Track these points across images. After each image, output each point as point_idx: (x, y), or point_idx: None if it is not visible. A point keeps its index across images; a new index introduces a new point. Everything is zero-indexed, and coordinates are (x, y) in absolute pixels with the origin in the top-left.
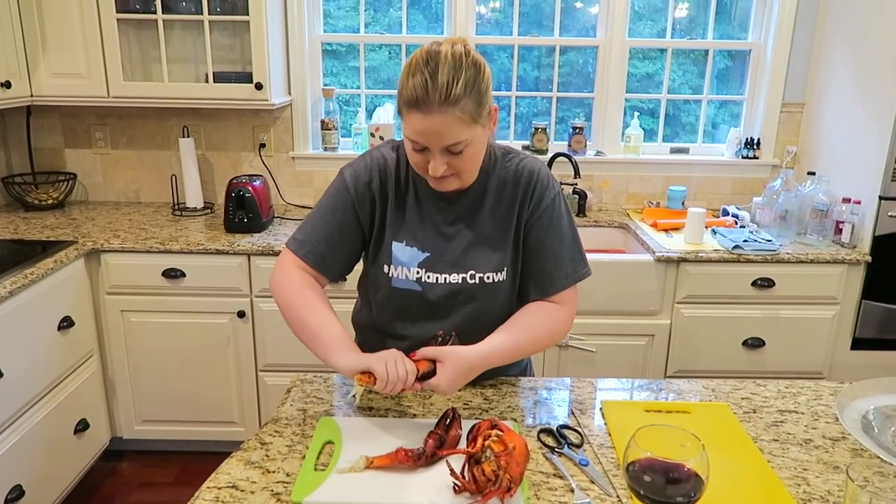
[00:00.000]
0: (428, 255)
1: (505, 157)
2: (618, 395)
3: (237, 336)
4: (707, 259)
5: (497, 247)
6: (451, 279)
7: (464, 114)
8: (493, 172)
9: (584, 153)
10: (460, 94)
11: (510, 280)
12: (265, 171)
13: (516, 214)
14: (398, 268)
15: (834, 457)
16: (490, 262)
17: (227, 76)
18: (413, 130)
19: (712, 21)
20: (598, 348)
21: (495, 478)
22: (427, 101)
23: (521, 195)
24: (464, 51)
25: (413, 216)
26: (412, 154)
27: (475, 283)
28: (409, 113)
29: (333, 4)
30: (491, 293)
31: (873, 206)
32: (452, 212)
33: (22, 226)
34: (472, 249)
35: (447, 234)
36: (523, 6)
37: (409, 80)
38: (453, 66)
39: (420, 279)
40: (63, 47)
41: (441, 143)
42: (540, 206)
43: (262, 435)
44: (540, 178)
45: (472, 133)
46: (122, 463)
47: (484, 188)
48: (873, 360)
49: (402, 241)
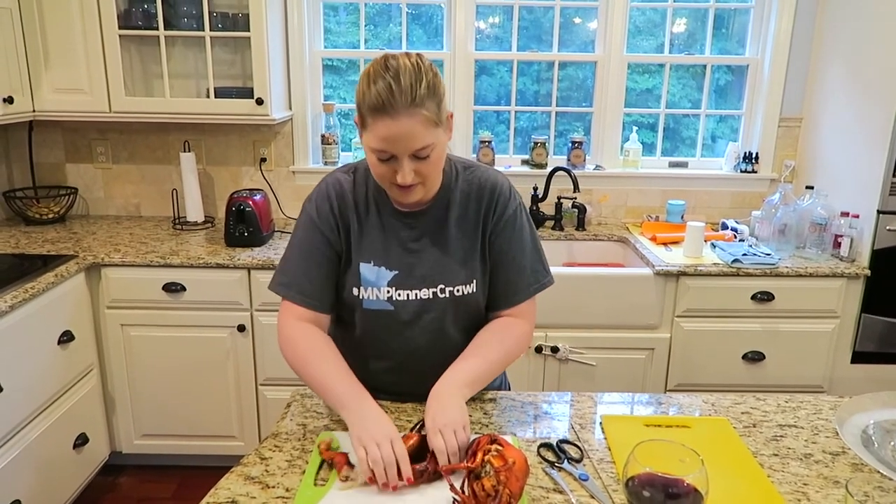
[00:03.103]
0: (396, 273)
1: (466, 169)
2: (618, 410)
3: (237, 350)
4: (706, 273)
5: (465, 259)
6: (421, 295)
7: (429, 114)
8: (456, 185)
9: (583, 167)
10: (424, 96)
11: (480, 291)
12: (266, 185)
13: (481, 226)
14: (368, 289)
15: (834, 471)
16: (459, 276)
17: (229, 91)
18: (380, 138)
19: (710, 36)
20: (598, 362)
21: (495, 493)
22: (393, 104)
23: (486, 206)
24: (419, 58)
25: (377, 236)
26: (377, 166)
27: (445, 297)
28: (376, 120)
29: (333, 20)
30: (461, 306)
31: (872, 219)
32: (417, 227)
33: (23, 240)
34: (440, 264)
35: (414, 250)
36: (522, 21)
37: (370, 87)
38: (413, 71)
39: (391, 298)
40: (65, 63)
41: (409, 148)
42: (503, 217)
43: (261, 450)
44: (502, 189)
45: (436, 136)
46: (122, 477)
47: (447, 202)
48: (873, 374)
49: (370, 262)
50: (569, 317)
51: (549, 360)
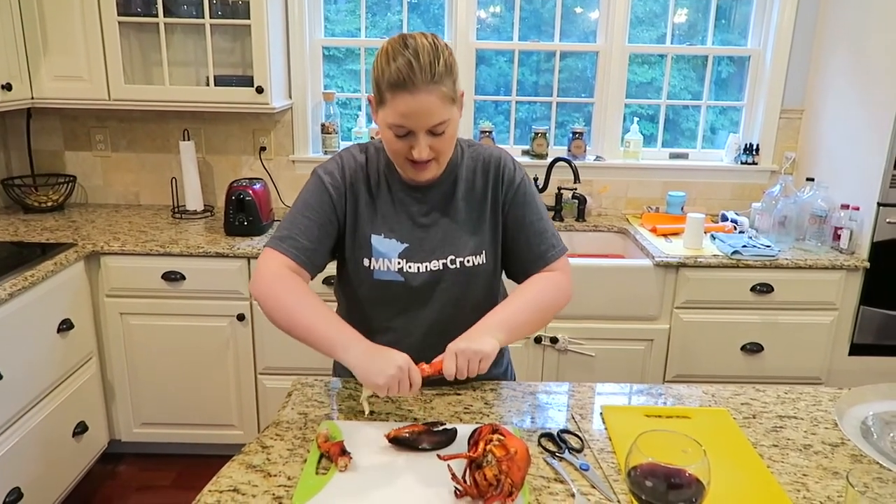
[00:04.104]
0: (407, 246)
1: (470, 146)
2: (617, 400)
3: (236, 339)
4: (706, 264)
5: (474, 231)
6: (431, 266)
7: (447, 90)
8: (462, 161)
9: (583, 158)
10: (442, 73)
11: (491, 263)
12: (265, 174)
13: (490, 198)
14: (379, 260)
15: (833, 462)
16: (468, 246)
17: (228, 80)
18: (399, 113)
19: (712, 27)
20: (598, 353)
21: (497, 482)
22: (413, 79)
23: (493, 178)
24: (435, 38)
25: (388, 210)
26: (393, 142)
27: (456, 267)
28: (395, 95)
29: (333, 8)
30: (472, 277)
31: (872, 212)
32: (426, 202)
33: (21, 228)
34: (449, 236)
35: (424, 224)
36: (523, 11)
37: (390, 64)
38: (431, 49)
39: (402, 269)
40: (64, 50)
41: (427, 123)
42: (513, 186)
43: (263, 438)
44: (506, 162)
45: (452, 113)
46: (121, 466)
47: (454, 177)
48: (871, 366)
49: (381, 234)
50: (568, 307)
51: (548, 351)
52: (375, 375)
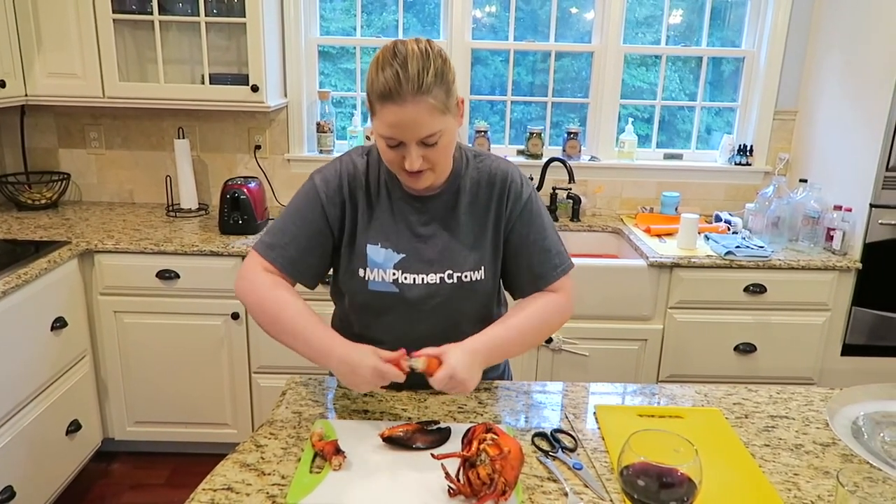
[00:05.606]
0: (403, 257)
1: (476, 157)
2: (611, 400)
3: (231, 338)
4: (700, 265)
5: (474, 246)
6: (428, 279)
7: (436, 102)
8: (466, 172)
9: (578, 158)
10: (431, 83)
11: (489, 279)
12: (260, 172)
13: (493, 214)
14: (374, 270)
15: (824, 462)
16: (468, 261)
17: (224, 78)
18: (387, 124)
19: (706, 28)
20: (591, 352)
21: (490, 481)
22: (400, 91)
23: (498, 194)
24: (428, 45)
25: (386, 218)
26: (386, 152)
27: (453, 282)
28: (383, 106)
29: (328, 6)
30: (469, 292)
31: (864, 213)
32: (427, 212)
33: (15, 226)
34: (448, 249)
35: (422, 235)
36: (519, 11)
37: (379, 74)
38: (421, 58)
39: (397, 280)
40: (59, 47)
41: (416, 135)
42: (519, 203)
43: (257, 437)
44: (513, 178)
45: (445, 123)
46: (114, 464)
47: (457, 188)
48: (863, 367)
49: (377, 244)
50: None
51: (542, 351)
52: (357, 386)
